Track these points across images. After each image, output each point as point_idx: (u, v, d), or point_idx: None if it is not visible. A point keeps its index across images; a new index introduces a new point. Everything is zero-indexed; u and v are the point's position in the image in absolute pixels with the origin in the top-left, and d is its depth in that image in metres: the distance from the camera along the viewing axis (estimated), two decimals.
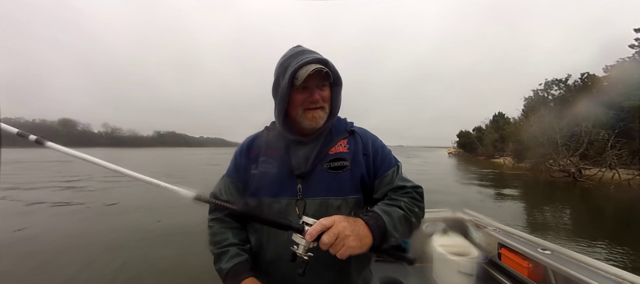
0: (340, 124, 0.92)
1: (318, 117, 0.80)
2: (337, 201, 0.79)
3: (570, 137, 18.80)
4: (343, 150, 0.85)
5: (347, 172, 0.82)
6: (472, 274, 1.83)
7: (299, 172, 0.81)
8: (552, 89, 28.75)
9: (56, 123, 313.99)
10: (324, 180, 0.80)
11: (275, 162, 0.84)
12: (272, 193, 0.81)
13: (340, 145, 0.86)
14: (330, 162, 0.82)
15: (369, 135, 0.91)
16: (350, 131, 0.89)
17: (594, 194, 13.02)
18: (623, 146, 16.43)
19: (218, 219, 0.86)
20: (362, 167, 0.84)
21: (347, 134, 0.89)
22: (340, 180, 0.81)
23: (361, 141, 0.88)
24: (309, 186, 0.79)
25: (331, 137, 0.87)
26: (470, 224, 2.22)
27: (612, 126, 17.06)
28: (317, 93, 0.79)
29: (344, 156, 0.83)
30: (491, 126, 48.86)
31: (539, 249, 1.61)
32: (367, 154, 0.86)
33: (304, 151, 0.84)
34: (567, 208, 9.55)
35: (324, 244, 0.62)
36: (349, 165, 0.82)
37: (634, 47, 20.92)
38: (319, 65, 0.75)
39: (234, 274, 0.75)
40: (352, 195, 0.81)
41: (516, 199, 11.02)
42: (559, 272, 1.41)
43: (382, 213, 0.73)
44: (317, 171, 0.82)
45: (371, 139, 0.90)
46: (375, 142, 0.90)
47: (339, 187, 0.79)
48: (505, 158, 32.28)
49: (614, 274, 1.27)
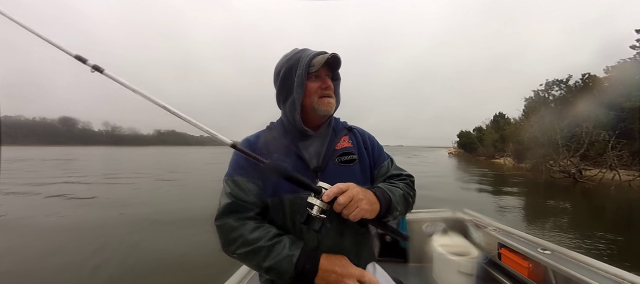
0: (338, 122, 0.99)
1: (332, 103, 0.87)
2: None
3: (571, 138, 18.80)
4: (348, 145, 0.92)
5: (357, 165, 0.90)
6: (472, 274, 1.83)
7: (313, 166, 0.85)
8: (552, 89, 28.75)
9: (56, 121, 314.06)
10: (338, 174, 0.84)
11: (290, 158, 0.84)
12: (293, 189, 0.76)
13: (344, 141, 0.92)
14: (340, 156, 0.88)
15: (364, 131, 1.01)
16: (349, 128, 0.98)
17: (594, 195, 13.01)
18: (624, 147, 16.42)
19: (242, 218, 0.80)
20: (366, 159, 0.93)
21: (347, 131, 0.96)
22: (352, 173, 0.88)
23: (360, 136, 0.97)
24: (326, 180, 0.76)
25: (335, 133, 0.93)
26: (470, 224, 2.22)
27: (613, 127, 17.05)
28: (329, 81, 0.86)
29: (350, 150, 0.90)
30: (491, 126, 48.84)
31: (539, 249, 1.61)
32: (367, 147, 0.95)
33: (314, 147, 0.89)
34: (567, 209, 9.55)
35: (339, 204, 0.68)
36: (357, 158, 0.90)
37: (634, 48, 20.90)
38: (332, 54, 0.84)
39: (308, 255, 0.74)
40: (365, 186, 0.84)
41: (516, 199, 11.02)
42: (559, 272, 1.41)
43: (386, 189, 0.82)
44: (330, 165, 0.86)
45: (367, 134, 1.00)
46: (370, 137, 1.01)
47: (354, 180, 0.79)
48: (506, 158, 32.25)
49: (614, 274, 1.27)
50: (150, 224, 6.27)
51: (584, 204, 11.19)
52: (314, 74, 0.84)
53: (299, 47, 0.88)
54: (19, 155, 33.88)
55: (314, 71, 0.83)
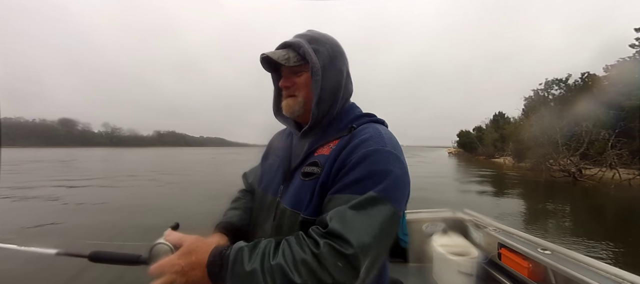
0: (350, 119, 0.72)
1: (288, 105, 0.72)
2: (294, 216, 0.63)
3: (571, 137, 18.81)
4: (326, 152, 0.66)
5: (314, 182, 0.63)
6: (472, 274, 1.83)
7: (290, 170, 0.73)
8: (552, 88, 28.82)
9: (56, 123, 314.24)
10: (295, 186, 0.67)
11: (279, 155, 0.81)
12: (264, 187, 0.80)
13: (329, 146, 0.67)
14: (308, 166, 0.66)
15: (367, 137, 0.63)
16: (350, 129, 0.68)
17: (594, 193, 13.02)
18: (623, 146, 16.44)
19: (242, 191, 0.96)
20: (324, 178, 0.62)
21: (346, 133, 0.68)
22: (305, 191, 0.64)
23: (348, 141, 0.64)
24: (287, 190, 0.70)
25: (327, 134, 0.71)
26: (470, 224, 2.22)
27: (613, 126, 17.08)
28: (284, 79, 0.73)
29: (319, 160, 0.65)
30: (491, 125, 48.86)
31: (539, 249, 1.60)
32: (338, 158, 0.62)
33: (301, 146, 0.75)
34: (567, 208, 9.55)
35: None
36: (320, 173, 0.63)
37: (634, 46, 20.92)
38: (273, 51, 0.71)
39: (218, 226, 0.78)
40: (305, 213, 0.61)
41: (516, 199, 11.02)
42: (559, 272, 1.41)
43: (246, 250, 0.51)
44: (296, 174, 0.69)
45: (363, 141, 0.62)
46: (365, 147, 0.60)
47: (300, 200, 0.64)
48: (506, 158, 32.27)
49: (614, 274, 1.27)
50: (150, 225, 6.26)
51: (583, 203, 11.20)
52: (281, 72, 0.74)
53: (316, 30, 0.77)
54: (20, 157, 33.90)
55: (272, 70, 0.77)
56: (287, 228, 0.64)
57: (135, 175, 17.70)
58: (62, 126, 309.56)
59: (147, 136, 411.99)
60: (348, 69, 0.75)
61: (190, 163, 31.62)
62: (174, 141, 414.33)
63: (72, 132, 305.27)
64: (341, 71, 0.72)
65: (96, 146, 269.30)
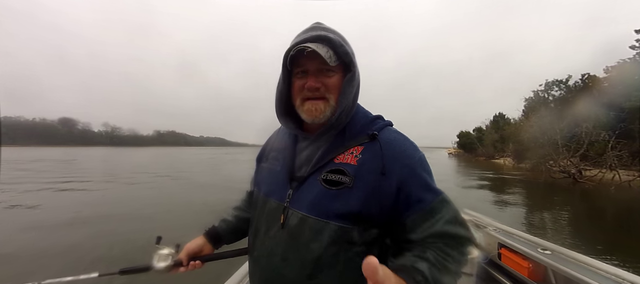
0: (362, 122, 0.69)
1: (317, 110, 0.64)
2: (319, 224, 0.61)
3: (571, 138, 18.82)
4: (351, 161, 0.63)
5: (345, 191, 0.61)
6: (472, 274, 1.83)
7: (297, 175, 0.69)
8: (552, 89, 28.82)
9: (56, 122, 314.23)
10: (314, 193, 0.63)
11: (280, 159, 0.75)
12: (266, 191, 0.73)
13: (352, 153, 0.64)
14: (330, 173, 0.63)
15: (398, 145, 0.64)
16: (372, 136, 0.64)
17: (594, 195, 13.02)
18: (623, 147, 16.45)
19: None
20: (370, 189, 0.60)
21: (367, 139, 0.65)
22: (331, 199, 0.61)
23: (382, 152, 0.62)
24: (299, 195, 0.65)
25: (343, 139, 0.67)
26: (470, 224, 2.22)
27: (613, 127, 17.09)
28: (314, 79, 0.64)
29: (346, 169, 0.62)
30: (491, 126, 48.89)
31: (539, 249, 1.61)
32: (386, 174, 0.60)
33: (308, 152, 0.70)
34: (567, 209, 9.55)
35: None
36: (350, 183, 0.61)
37: (634, 48, 20.93)
38: (312, 44, 0.61)
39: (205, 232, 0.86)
40: (337, 222, 0.60)
41: (516, 199, 11.02)
42: (559, 272, 1.41)
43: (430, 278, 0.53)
44: (312, 179, 0.65)
45: (402, 151, 0.63)
46: (407, 157, 0.62)
47: (326, 208, 0.61)
48: (506, 159, 32.28)
49: (614, 274, 1.27)
50: (150, 224, 6.26)
51: (583, 204, 11.20)
52: (300, 70, 0.65)
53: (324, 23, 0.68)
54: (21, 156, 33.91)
55: (296, 67, 0.65)
56: (307, 236, 0.61)
57: (147, 173, 17.67)
58: (62, 125, 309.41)
59: (147, 135, 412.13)
60: None
61: (190, 163, 31.62)
62: (174, 140, 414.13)
63: (72, 132, 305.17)
64: (357, 68, 0.68)
65: (96, 145, 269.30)
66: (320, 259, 0.60)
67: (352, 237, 0.60)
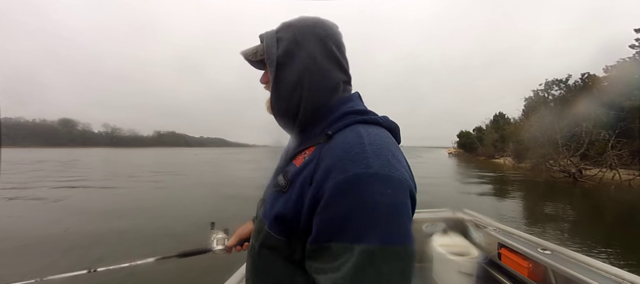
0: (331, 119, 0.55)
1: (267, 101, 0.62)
2: (260, 224, 0.59)
3: (571, 138, 18.82)
4: (298, 163, 0.54)
5: (280, 194, 0.54)
6: (472, 274, 1.83)
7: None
8: (552, 89, 28.81)
9: (56, 123, 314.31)
10: (267, 196, 0.60)
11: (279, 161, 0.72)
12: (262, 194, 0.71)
13: (303, 155, 0.54)
14: (281, 175, 0.57)
15: (339, 152, 0.47)
16: (328, 136, 0.51)
17: (594, 194, 13.02)
18: (623, 147, 16.44)
19: None
20: (295, 197, 0.49)
21: (322, 140, 0.52)
22: (272, 201, 0.56)
23: (319, 157, 0.49)
24: (265, 198, 0.63)
25: (304, 139, 0.58)
26: (470, 224, 2.22)
27: (613, 126, 17.08)
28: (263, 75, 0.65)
29: (290, 171, 0.54)
30: (491, 126, 48.86)
31: (539, 249, 1.61)
32: (313, 184, 0.47)
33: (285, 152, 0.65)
34: (567, 208, 9.55)
35: None
36: (285, 186, 0.53)
37: (634, 47, 20.93)
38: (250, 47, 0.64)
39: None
40: (268, 225, 0.54)
41: (516, 199, 11.02)
42: (559, 272, 1.41)
43: None
44: (271, 182, 0.61)
45: (335, 161, 0.45)
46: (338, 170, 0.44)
47: (267, 210, 0.57)
48: (506, 158, 32.26)
49: (614, 274, 1.27)
50: (150, 223, 6.26)
51: (584, 203, 11.19)
52: None
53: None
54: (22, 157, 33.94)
55: None
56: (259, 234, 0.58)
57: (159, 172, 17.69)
58: (62, 126, 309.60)
59: (147, 136, 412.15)
60: (332, 51, 0.57)
61: (196, 164, 31.64)
62: (174, 141, 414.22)
63: (72, 133, 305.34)
64: (311, 55, 0.55)
65: (96, 146, 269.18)
66: (255, 263, 0.59)
67: (276, 245, 0.53)
